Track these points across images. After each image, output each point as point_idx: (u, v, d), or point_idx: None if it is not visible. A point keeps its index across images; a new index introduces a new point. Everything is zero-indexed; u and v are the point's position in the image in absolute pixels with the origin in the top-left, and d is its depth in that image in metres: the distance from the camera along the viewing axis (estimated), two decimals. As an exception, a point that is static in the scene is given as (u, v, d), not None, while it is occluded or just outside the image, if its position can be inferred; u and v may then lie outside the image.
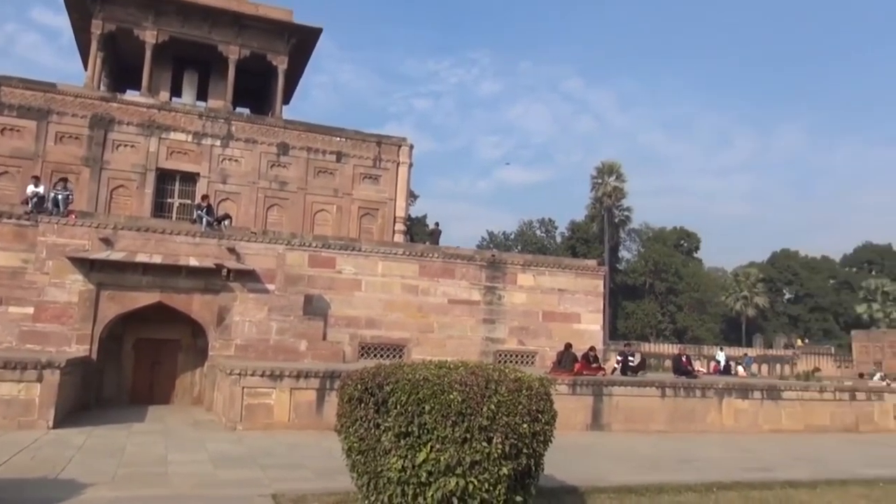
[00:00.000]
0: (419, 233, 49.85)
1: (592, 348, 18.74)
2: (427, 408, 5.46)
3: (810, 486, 9.48)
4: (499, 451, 5.44)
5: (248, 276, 17.34)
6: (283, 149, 24.48)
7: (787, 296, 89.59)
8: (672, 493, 8.53)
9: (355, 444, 5.95)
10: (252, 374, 13.33)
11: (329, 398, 13.23)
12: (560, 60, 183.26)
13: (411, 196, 49.82)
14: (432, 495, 5.38)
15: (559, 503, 7.72)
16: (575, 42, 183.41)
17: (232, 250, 17.49)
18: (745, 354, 42.43)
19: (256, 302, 17.38)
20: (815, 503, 8.48)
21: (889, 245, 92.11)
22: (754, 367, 41.54)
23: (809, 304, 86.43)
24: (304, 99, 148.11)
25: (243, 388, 13.24)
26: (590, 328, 22.16)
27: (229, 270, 16.89)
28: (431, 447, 5.41)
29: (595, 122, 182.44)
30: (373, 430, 5.73)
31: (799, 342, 70.36)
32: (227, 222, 19.75)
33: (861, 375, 39.33)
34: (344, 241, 20.59)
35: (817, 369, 52.27)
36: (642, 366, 19.68)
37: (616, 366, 19.82)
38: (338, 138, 25.34)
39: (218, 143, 23.83)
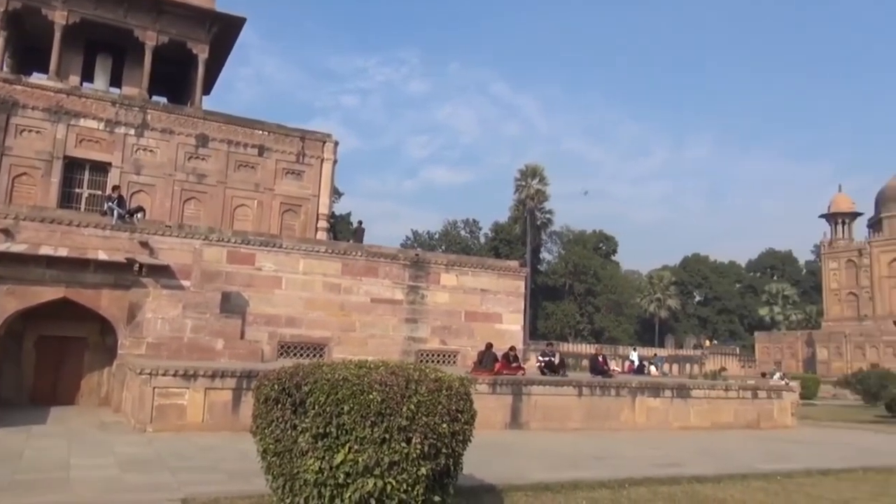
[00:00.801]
0: (343, 231, 49.32)
1: (513, 348, 19.01)
2: (346, 408, 5.39)
3: (715, 481, 9.93)
4: (418, 451, 5.42)
5: (161, 272, 16.67)
6: (202, 140, 23.67)
7: (697, 298, 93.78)
8: (586, 489, 8.75)
9: (271, 446, 5.81)
10: (164, 374, 12.83)
11: (246, 398, 12.88)
12: (489, 64, 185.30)
13: (335, 193, 49.20)
14: (350, 496, 5.32)
15: (477, 502, 7.77)
16: (503, 47, 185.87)
17: (145, 244, 16.78)
18: (656, 354, 44.09)
19: (170, 298, 16.74)
20: (718, 496, 8.88)
21: (790, 251, 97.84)
22: (665, 367, 43.21)
23: (717, 306, 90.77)
24: (228, 90, 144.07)
25: (154, 388, 12.72)
26: (511, 328, 22.48)
27: (141, 265, 16.20)
28: (350, 448, 5.34)
29: (521, 125, 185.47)
30: (289, 432, 5.61)
31: (707, 343, 73.84)
32: (140, 215, 18.94)
33: (763, 375, 41.57)
34: (265, 237, 20.11)
35: (723, 369, 55.02)
36: (563, 365, 20.14)
37: (538, 365, 20.17)
38: (260, 131, 24.72)
39: (132, 132, 22.80)
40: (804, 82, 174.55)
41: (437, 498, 5.73)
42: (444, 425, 5.61)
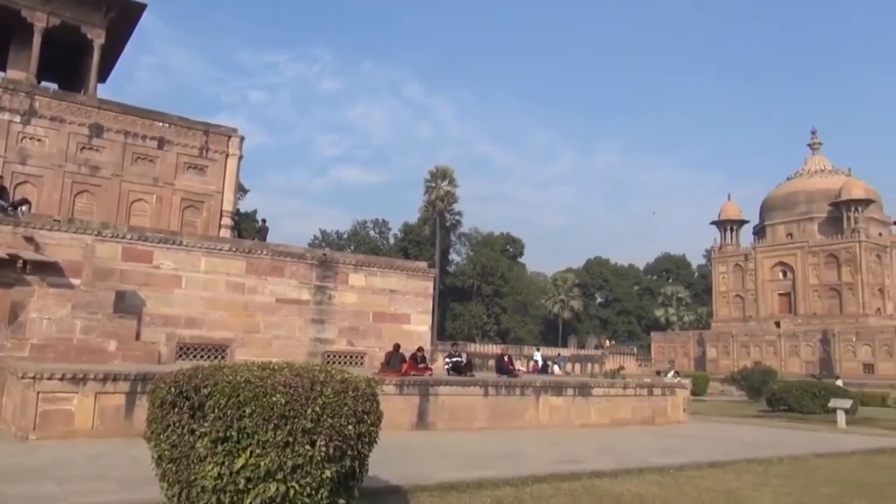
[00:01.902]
0: (248, 229, 47.96)
1: (421, 349, 19.04)
2: (248, 411, 5.22)
3: (613, 476, 10.30)
4: (322, 453, 5.33)
5: (48, 269, 15.63)
6: (97, 130, 22.39)
7: (599, 300, 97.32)
8: (491, 488, 8.86)
9: (167, 452, 5.54)
10: (50, 378, 12.01)
11: (140, 403, 12.24)
12: (402, 66, 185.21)
13: (241, 190, 47.81)
14: (250, 502, 5.16)
15: (383, 503, 7.73)
16: (417, 49, 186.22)
17: (30, 239, 15.69)
18: (559, 354, 45.39)
19: (58, 297, 15.72)
20: (616, 491, 9.22)
21: (684, 256, 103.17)
22: (568, 366, 44.52)
23: (617, 307, 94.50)
24: (128, 79, 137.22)
25: (38, 392, 11.88)
26: (419, 329, 22.51)
27: (26, 262, 15.12)
28: (251, 452, 5.18)
29: (433, 127, 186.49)
30: (187, 437, 5.37)
31: (607, 343, 76.68)
32: (24, 208, 17.70)
33: (657, 373, 43.59)
34: (163, 234, 19.24)
35: (622, 367, 57.28)
36: (470, 366, 20.35)
37: (445, 366, 20.30)
38: (160, 123, 23.64)
39: (17, 119, 21.27)
40: (703, 97, 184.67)
41: (341, 501, 5.65)
42: (350, 427, 5.54)
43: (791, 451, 14.36)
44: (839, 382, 33.67)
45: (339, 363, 19.87)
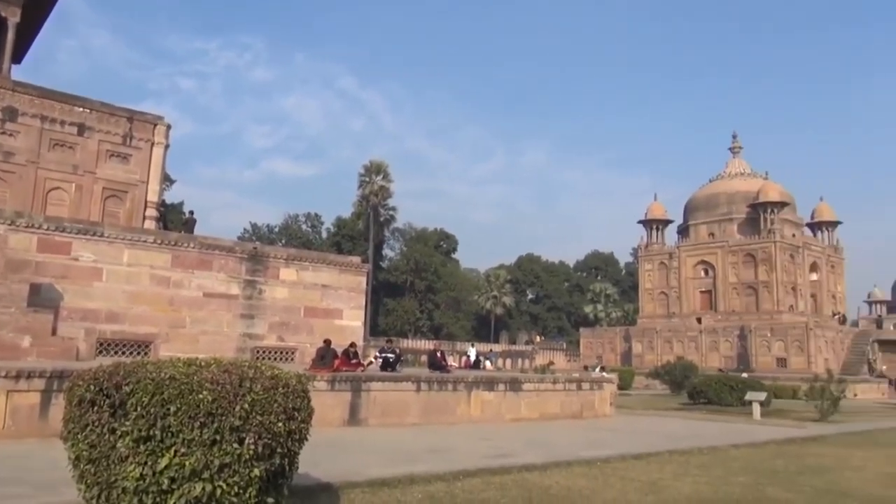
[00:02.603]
0: (175, 220, 46.45)
1: (353, 344, 18.88)
2: (173, 409, 5.04)
3: (542, 469, 10.49)
4: (251, 451, 5.20)
5: (-45, 260, 14.71)
6: (10, 114, 21.17)
7: (530, 296, 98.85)
8: (422, 483, 8.88)
9: (85, 453, 5.29)
10: (-45, 376, 11.32)
11: (56, 401, 11.67)
12: (337, 58, 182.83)
13: (167, 180, 46.21)
14: (174, 503, 4.99)
15: (313, 501, 7.63)
16: (352, 42, 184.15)
17: (-65, 228, 14.72)
18: (491, 350, 45.88)
19: (-34, 290, 14.81)
20: (545, 483, 9.39)
21: (612, 253, 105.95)
22: (500, 362, 45.07)
23: (548, 304, 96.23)
24: (48, 62, 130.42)
25: (-57, 391, 11.19)
26: (351, 324, 22.31)
27: (-70, 252, 14.19)
28: (176, 451, 5.01)
29: (368, 121, 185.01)
30: (107, 436, 5.15)
31: (538, 338, 78.04)
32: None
33: (585, 368, 44.71)
34: (83, 224, 18.39)
35: (552, 363, 58.36)
36: (398, 361, 20.28)
37: (377, 361, 20.17)
38: (81, 108, 22.55)
39: (-79, 99, 19.91)
40: (631, 99, 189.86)
41: (270, 499, 5.54)
42: (280, 424, 5.43)
43: (710, 442, 14.97)
44: (744, 375, 35.41)
45: (270, 359, 19.49)
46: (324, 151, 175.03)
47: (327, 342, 17.65)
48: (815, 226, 65.83)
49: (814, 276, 61.92)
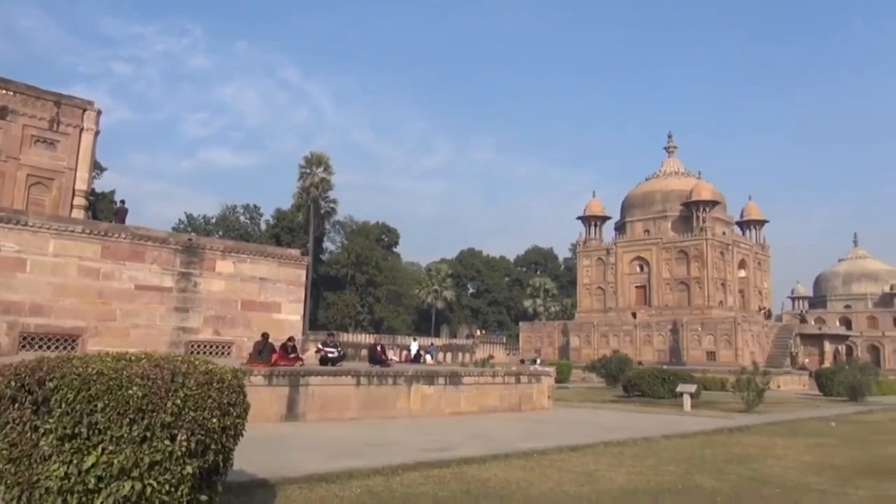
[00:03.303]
0: (105, 210, 44.85)
1: (291, 338, 18.60)
2: (100, 405, 4.87)
3: (481, 462, 10.58)
4: (183, 448, 5.07)
5: None
6: (-75, 95, 19.98)
7: (471, 290, 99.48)
8: (361, 478, 8.83)
9: (4, 452, 5.05)
10: None
11: (-26, 398, 11.10)
12: (279, 47, 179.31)
13: (97, 168, 44.46)
14: (101, 503, 4.82)
15: (249, 498, 7.48)
16: (295, 31, 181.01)
17: None
18: (432, 344, 46.00)
19: None
20: (483, 476, 9.48)
21: (552, 249, 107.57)
22: (440, 356, 45.25)
23: (488, 298, 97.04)
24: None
25: None
26: (290, 318, 22.00)
27: None
28: (103, 449, 4.84)
29: (311, 113, 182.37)
30: (29, 434, 4.93)
31: (478, 332, 78.60)
32: None
33: (522, 361, 45.25)
34: (5, 212, 17.52)
35: (492, 356, 58.92)
36: (341, 358, 20.10)
37: (318, 355, 19.94)
38: (3, 91, 21.45)
39: None
40: (572, 99, 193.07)
41: (203, 497, 5.41)
42: (215, 420, 5.31)
43: (643, 433, 15.41)
44: (664, 367, 36.79)
45: (205, 354, 19.02)
46: (264, 142, 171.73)
47: (265, 336, 17.34)
48: (743, 224, 68.34)
49: (742, 273, 64.33)
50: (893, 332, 73.75)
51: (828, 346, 59.52)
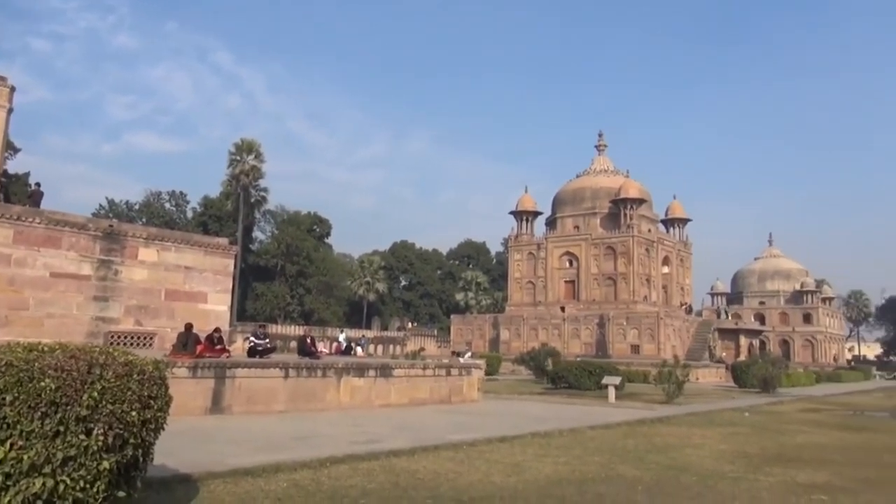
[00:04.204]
0: (18, 193, 42.59)
1: (218, 329, 18.11)
2: (9, 398, 4.63)
3: (410, 454, 10.60)
4: (100, 443, 4.86)
5: None
6: None
7: (403, 283, 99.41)
8: (288, 471, 8.70)
9: None
10: None
11: None
12: (211, 30, 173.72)
13: (10, 148, 42.09)
14: (9, 501, 4.57)
15: (170, 493, 7.25)
16: (228, 14, 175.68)
17: None
18: (363, 336, 45.71)
19: None
20: (412, 468, 9.49)
21: (484, 243, 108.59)
22: (371, 348, 45.03)
23: (420, 290, 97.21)
24: None
25: None
26: (217, 308, 21.43)
27: None
28: (12, 445, 4.59)
29: (244, 100, 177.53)
30: (-72, 430, 4.62)
31: (410, 325, 78.67)
32: None
33: (453, 353, 45.51)
34: None
35: (423, 349, 59.02)
36: (270, 350, 19.72)
37: (245, 344, 19.49)
38: None
39: None
40: (508, 96, 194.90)
41: (121, 493, 5.21)
42: (134, 413, 5.12)
43: (570, 424, 15.77)
44: (578, 358, 38.16)
45: (125, 345, 18.31)
46: (194, 128, 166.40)
47: (189, 327, 16.82)
48: (668, 222, 70.71)
49: (665, 269, 66.61)
50: (803, 328, 78.07)
51: (743, 340, 62.43)
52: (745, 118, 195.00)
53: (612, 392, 24.24)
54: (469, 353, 40.31)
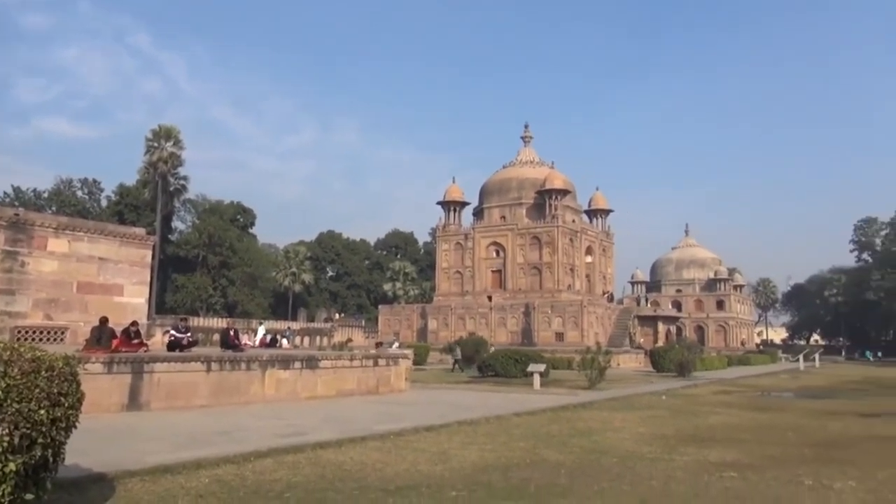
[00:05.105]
0: (-89, 179, 39.76)
1: (134, 323, 17.44)
2: None
3: (336, 446, 10.53)
4: (5, 444, 4.61)
5: None
6: None
7: (330, 273, 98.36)
8: (210, 467, 8.49)
9: None
10: None
11: None
12: (128, 10, 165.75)
13: None
14: None
15: (82, 494, 6.95)
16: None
17: None
18: (289, 328, 44.99)
19: None
20: (339, 460, 9.44)
21: (412, 233, 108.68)
22: (297, 340, 44.36)
23: (348, 281, 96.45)
24: None
25: None
26: (133, 301, 20.65)
27: None
28: None
29: (163, 84, 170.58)
30: None
31: (337, 316, 77.96)
32: None
33: (378, 344, 45.35)
34: None
35: (350, 340, 58.62)
36: (192, 344, 19.15)
37: (164, 338, 18.85)
38: None
39: None
40: (436, 87, 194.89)
41: (30, 496, 4.97)
42: (43, 411, 4.88)
43: (495, 411, 16.02)
44: (492, 348, 39.17)
45: (34, 340, 17.40)
46: (109, 113, 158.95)
47: (103, 320, 16.14)
48: (591, 213, 72.52)
49: (589, 259, 68.38)
50: (716, 314, 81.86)
51: (661, 327, 64.91)
52: (665, 112, 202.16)
53: (537, 379, 24.73)
54: (396, 344, 40.30)
